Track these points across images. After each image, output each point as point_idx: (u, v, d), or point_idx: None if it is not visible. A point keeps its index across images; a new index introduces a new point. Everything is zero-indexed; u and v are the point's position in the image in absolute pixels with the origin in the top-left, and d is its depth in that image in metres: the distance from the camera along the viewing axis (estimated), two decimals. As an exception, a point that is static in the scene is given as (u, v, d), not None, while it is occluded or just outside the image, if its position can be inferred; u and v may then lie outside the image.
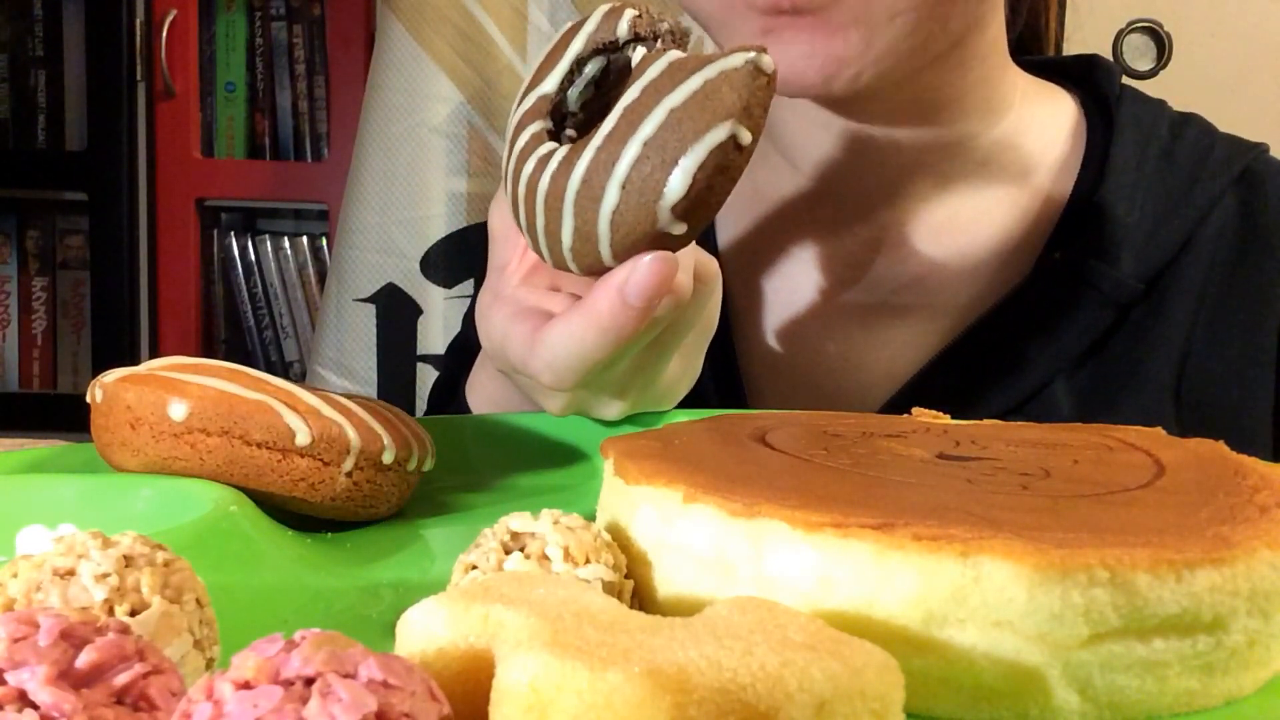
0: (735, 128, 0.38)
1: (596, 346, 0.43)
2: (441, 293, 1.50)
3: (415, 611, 0.26)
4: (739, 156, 0.39)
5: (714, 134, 0.38)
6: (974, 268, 0.67)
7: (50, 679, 0.22)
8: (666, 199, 0.39)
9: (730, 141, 0.38)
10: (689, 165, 0.38)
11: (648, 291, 0.41)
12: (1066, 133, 0.69)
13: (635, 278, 0.41)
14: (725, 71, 0.39)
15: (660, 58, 0.41)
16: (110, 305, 1.89)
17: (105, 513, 0.39)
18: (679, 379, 0.52)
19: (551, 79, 0.46)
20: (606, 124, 0.41)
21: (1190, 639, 0.28)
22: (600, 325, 0.42)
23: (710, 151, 0.38)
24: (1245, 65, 1.58)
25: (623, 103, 0.41)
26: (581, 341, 0.43)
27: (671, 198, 0.39)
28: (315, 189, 1.91)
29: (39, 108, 1.94)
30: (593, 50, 0.45)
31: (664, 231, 0.40)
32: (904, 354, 0.67)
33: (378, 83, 1.49)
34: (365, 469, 0.42)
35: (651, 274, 0.41)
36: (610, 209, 0.40)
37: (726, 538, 0.31)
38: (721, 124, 0.38)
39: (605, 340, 0.42)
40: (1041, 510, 0.32)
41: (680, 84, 0.39)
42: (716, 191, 0.40)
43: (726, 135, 0.38)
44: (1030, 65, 0.71)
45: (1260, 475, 0.35)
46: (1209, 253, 0.65)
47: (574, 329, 0.43)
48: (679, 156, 0.39)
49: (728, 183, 0.40)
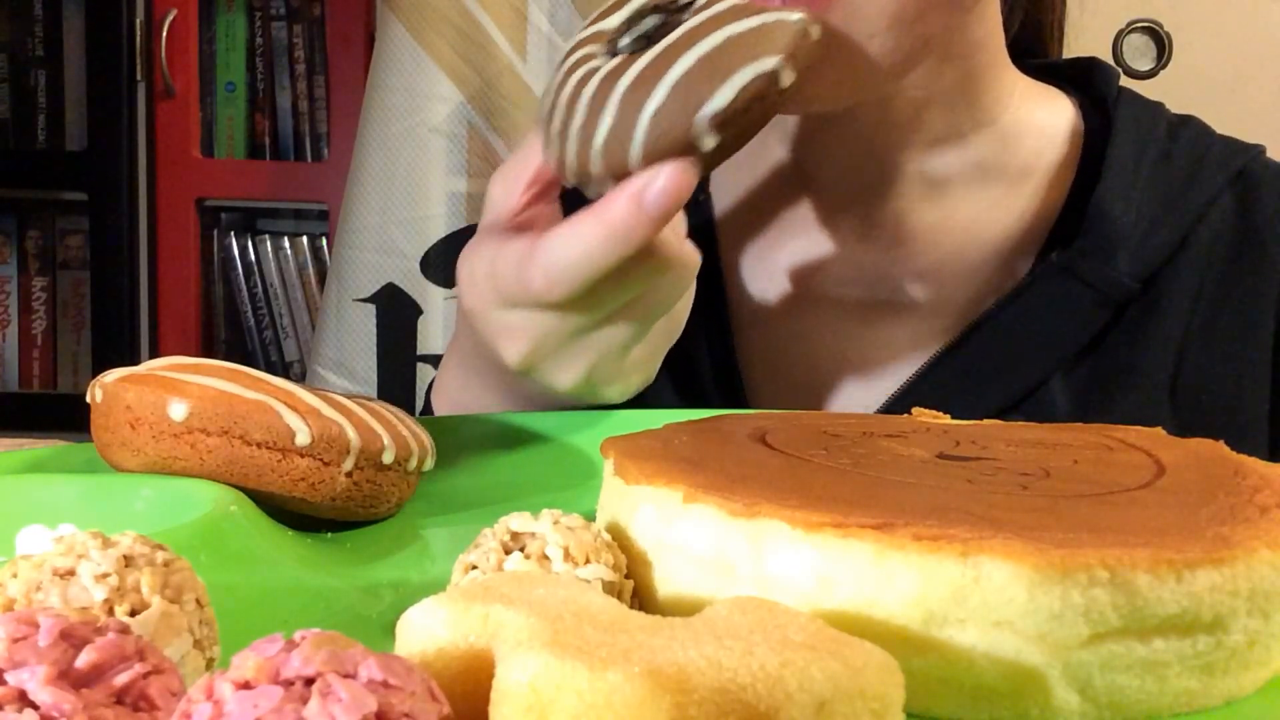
0: (781, 65, 0.42)
1: (602, 252, 0.44)
2: (441, 293, 1.50)
3: (415, 611, 0.26)
4: (777, 95, 0.43)
5: (763, 63, 0.42)
6: (971, 267, 0.68)
7: (50, 679, 0.22)
8: (709, 107, 0.42)
9: (775, 75, 0.42)
10: (736, 82, 0.42)
11: (664, 198, 0.43)
12: (1064, 134, 0.70)
13: (655, 184, 0.43)
14: (781, 20, 0.43)
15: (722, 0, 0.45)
16: (110, 305, 1.89)
17: (105, 513, 0.39)
18: (639, 365, 0.53)
19: (613, 19, 0.49)
20: (666, 40, 0.45)
21: (1190, 639, 0.28)
22: (611, 228, 0.43)
23: (757, 76, 0.42)
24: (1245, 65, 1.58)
25: (685, 26, 0.44)
26: (588, 244, 0.44)
27: (713, 107, 0.42)
28: (315, 189, 1.91)
29: (39, 108, 1.94)
30: (653, 7, 0.47)
31: (697, 139, 0.43)
32: (902, 353, 0.67)
33: (378, 83, 1.49)
34: (365, 469, 0.42)
35: (670, 181, 0.43)
36: (654, 107, 0.43)
37: (726, 538, 0.31)
38: (772, 57, 0.42)
39: (611, 246, 0.44)
40: (1041, 510, 0.32)
41: (741, 19, 0.44)
42: (750, 117, 0.43)
43: (774, 67, 0.42)
44: (1029, 68, 0.71)
45: (1260, 475, 0.35)
46: (1205, 253, 0.66)
47: (582, 231, 0.44)
48: (729, 74, 0.42)
49: (760, 117, 0.43)
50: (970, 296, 0.67)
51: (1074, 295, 0.64)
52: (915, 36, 0.56)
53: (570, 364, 0.50)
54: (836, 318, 0.69)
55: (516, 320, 0.49)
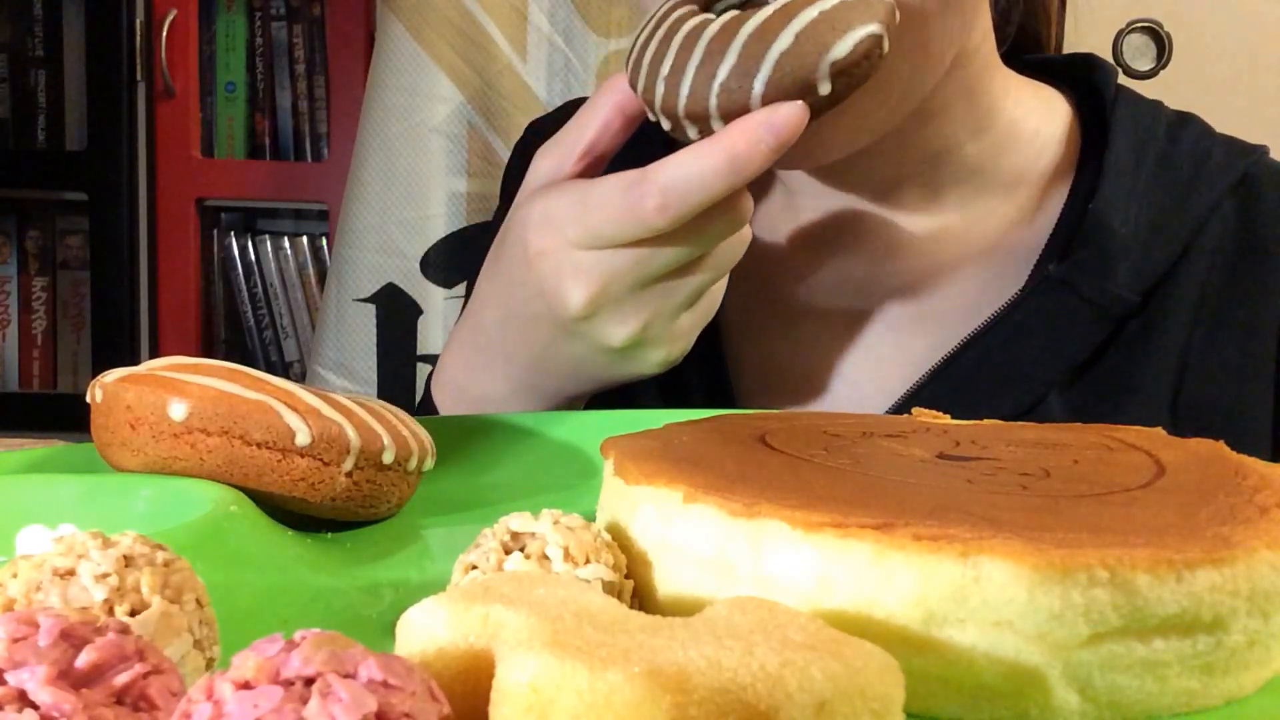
0: (883, 31, 0.48)
1: (720, 177, 0.48)
2: (441, 293, 1.50)
3: (415, 611, 0.26)
4: (877, 59, 0.49)
5: (873, 26, 0.48)
6: (967, 279, 0.67)
7: (50, 679, 0.22)
8: (831, 54, 0.47)
9: (881, 38, 0.48)
10: (855, 36, 0.48)
11: (785, 131, 0.47)
12: (1060, 137, 0.68)
13: (777, 115, 0.47)
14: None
15: None
16: (110, 305, 1.89)
17: (105, 513, 0.39)
18: (684, 334, 0.55)
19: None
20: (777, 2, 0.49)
21: (1190, 639, 0.28)
22: (732, 154, 0.47)
23: (869, 35, 0.48)
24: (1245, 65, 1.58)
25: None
26: (707, 167, 0.48)
27: (835, 55, 0.47)
28: (315, 189, 1.91)
29: (39, 108, 1.94)
30: None
31: (816, 82, 0.48)
32: (896, 368, 0.66)
33: (378, 83, 1.49)
34: (365, 469, 0.42)
35: (790, 116, 0.47)
36: (781, 49, 0.47)
37: (726, 538, 0.31)
38: (879, 22, 0.48)
39: (730, 171, 0.48)
40: (1041, 510, 0.32)
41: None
42: (860, 71, 0.48)
43: (880, 30, 0.48)
44: (1024, 65, 0.70)
45: (1260, 475, 0.35)
46: (1206, 263, 0.64)
47: (704, 153, 0.48)
48: (848, 29, 0.48)
49: (863, 75, 0.49)
50: (965, 309, 0.66)
51: (1072, 310, 0.63)
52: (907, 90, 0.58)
53: (629, 315, 0.52)
54: (827, 330, 0.68)
55: (590, 260, 0.51)
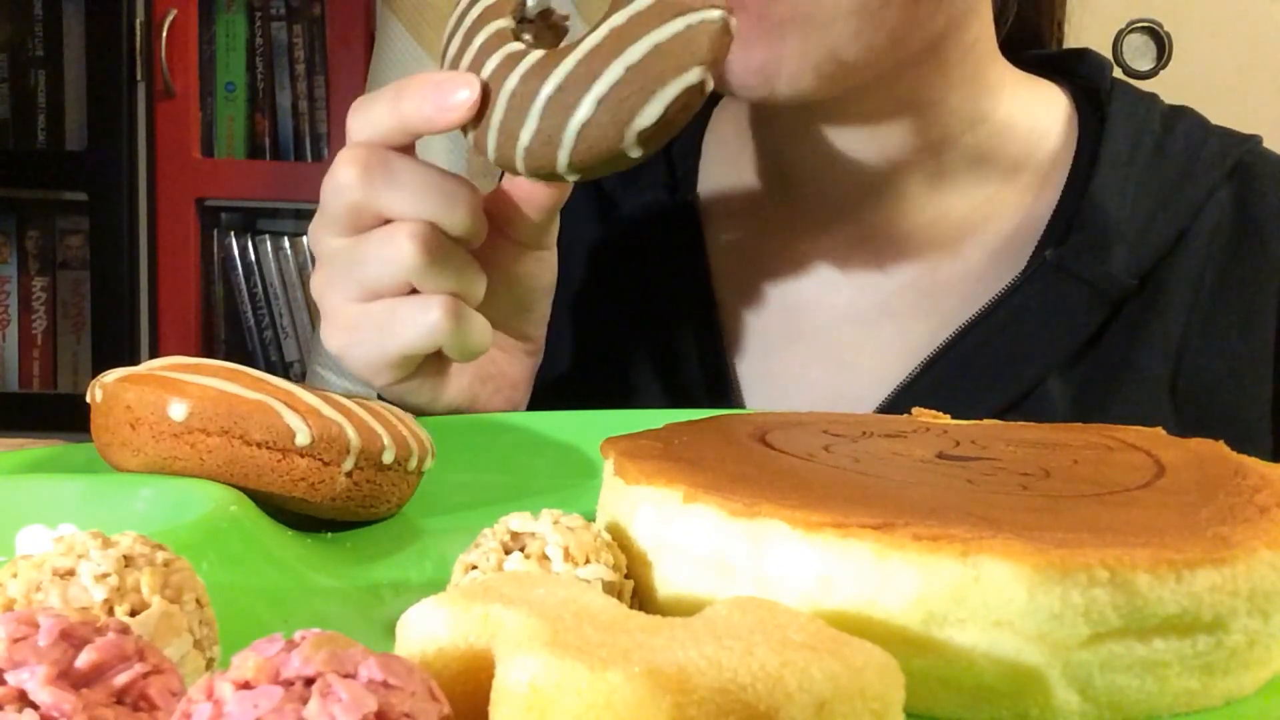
0: (705, 74, 0.44)
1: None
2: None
3: (415, 611, 0.26)
4: (698, 100, 0.44)
5: (689, 75, 0.43)
6: (966, 266, 0.67)
7: (50, 679, 0.22)
8: (637, 123, 0.43)
9: (700, 85, 0.44)
10: (665, 97, 0.43)
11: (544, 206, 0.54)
12: (1058, 128, 0.69)
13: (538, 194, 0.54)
14: (705, 21, 0.44)
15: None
16: (110, 305, 1.89)
17: (105, 513, 0.39)
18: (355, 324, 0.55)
19: None
20: (590, 40, 0.44)
21: (1190, 639, 0.28)
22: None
23: (684, 90, 0.43)
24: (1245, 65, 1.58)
25: (609, 24, 0.44)
26: None
27: (642, 123, 0.43)
28: (315, 189, 1.89)
29: (39, 108, 1.94)
30: None
31: (623, 151, 0.44)
32: (897, 355, 0.67)
33: (378, 83, 1.49)
34: (365, 469, 0.42)
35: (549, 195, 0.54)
36: (581, 121, 0.44)
37: (726, 537, 0.31)
38: (696, 68, 0.43)
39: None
40: (1041, 510, 0.32)
41: (666, 23, 0.43)
42: (674, 126, 0.44)
43: (698, 79, 0.43)
44: (1023, 60, 0.71)
45: (1260, 475, 0.35)
46: (1203, 247, 0.65)
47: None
48: (658, 88, 0.43)
49: (683, 122, 0.45)
50: (964, 296, 0.66)
51: (1070, 293, 0.64)
52: (879, 27, 0.56)
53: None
54: (828, 319, 0.68)
55: None
